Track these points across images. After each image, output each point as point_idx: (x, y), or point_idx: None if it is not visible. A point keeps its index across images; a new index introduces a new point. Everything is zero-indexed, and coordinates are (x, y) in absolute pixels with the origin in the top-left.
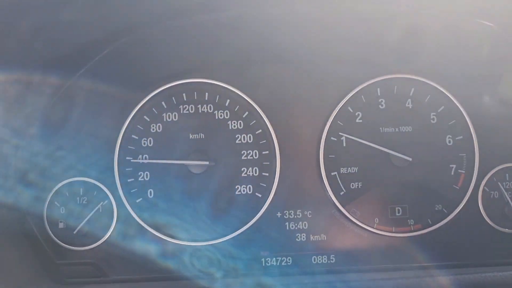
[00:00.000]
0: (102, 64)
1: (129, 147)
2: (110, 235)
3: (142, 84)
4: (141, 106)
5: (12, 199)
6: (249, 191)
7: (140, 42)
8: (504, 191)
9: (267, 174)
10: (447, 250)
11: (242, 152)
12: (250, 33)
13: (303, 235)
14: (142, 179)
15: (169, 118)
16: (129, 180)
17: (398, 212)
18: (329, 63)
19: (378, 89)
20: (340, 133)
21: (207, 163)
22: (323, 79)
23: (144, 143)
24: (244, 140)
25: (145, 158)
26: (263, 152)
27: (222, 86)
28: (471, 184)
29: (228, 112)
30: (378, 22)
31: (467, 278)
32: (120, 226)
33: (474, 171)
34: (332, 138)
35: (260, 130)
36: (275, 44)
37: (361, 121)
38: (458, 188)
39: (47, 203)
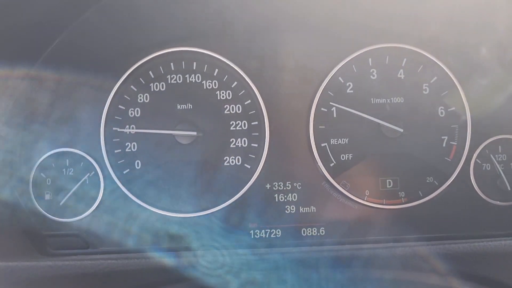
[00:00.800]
0: (87, 31)
1: (116, 117)
2: (97, 207)
3: (129, 53)
4: (127, 76)
5: None
6: (238, 162)
7: (125, 7)
8: (496, 163)
9: (256, 145)
10: (438, 223)
11: (231, 123)
12: (240, 2)
13: (293, 207)
14: (130, 150)
15: (156, 88)
16: (116, 151)
17: (389, 184)
18: (319, 32)
19: (370, 59)
20: (331, 103)
21: (194, 133)
22: (313, 49)
23: (131, 114)
24: (232, 110)
25: (132, 129)
26: (252, 123)
27: (210, 55)
28: (463, 156)
29: (216, 82)
30: None
31: (456, 248)
32: (107, 198)
33: (466, 143)
34: (322, 108)
35: (249, 101)
36: (264, 14)
37: (352, 91)
38: (449, 160)
39: (33, 174)
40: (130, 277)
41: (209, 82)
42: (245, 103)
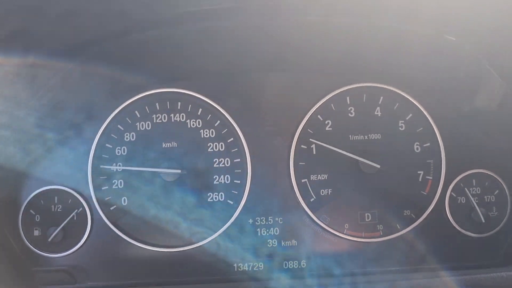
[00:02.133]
0: (76, 72)
1: (103, 155)
2: (84, 242)
3: (116, 94)
4: (114, 116)
5: None
6: (221, 198)
7: (112, 52)
8: (470, 196)
9: (239, 182)
10: (415, 255)
11: (214, 160)
12: (222, 44)
13: (274, 241)
14: (116, 187)
15: (142, 127)
16: (103, 188)
17: (368, 218)
18: (299, 72)
19: (348, 98)
20: (310, 140)
21: (179, 171)
22: (293, 88)
23: (118, 152)
24: (216, 148)
25: (119, 166)
26: (235, 160)
27: (194, 96)
28: (438, 190)
29: (200, 121)
30: (348, 34)
31: (433, 281)
32: (94, 234)
33: (441, 177)
34: (302, 145)
35: (231, 139)
36: (245, 55)
37: (330, 129)
38: (425, 194)
39: (22, 211)
40: None
41: (193, 121)
42: (228, 141)
